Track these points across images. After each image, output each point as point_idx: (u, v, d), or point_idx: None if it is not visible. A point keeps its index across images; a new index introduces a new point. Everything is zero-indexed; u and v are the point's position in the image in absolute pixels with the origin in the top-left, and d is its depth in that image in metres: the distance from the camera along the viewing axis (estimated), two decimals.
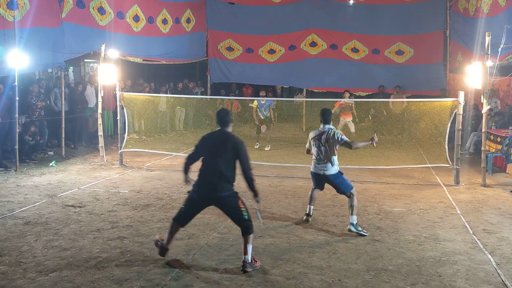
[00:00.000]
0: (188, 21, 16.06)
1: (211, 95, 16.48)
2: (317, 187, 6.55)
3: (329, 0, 16.15)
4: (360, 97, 15.85)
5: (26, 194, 7.73)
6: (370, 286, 4.52)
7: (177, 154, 11.44)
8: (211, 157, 4.95)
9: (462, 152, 10.45)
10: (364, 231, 6.04)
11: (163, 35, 14.95)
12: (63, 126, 11.31)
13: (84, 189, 8.24)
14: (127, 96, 11.04)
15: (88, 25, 11.80)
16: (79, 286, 4.45)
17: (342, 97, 13.08)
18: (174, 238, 5.16)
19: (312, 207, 6.59)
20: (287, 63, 16.65)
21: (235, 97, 16.25)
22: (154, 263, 4.99)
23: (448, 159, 9.21)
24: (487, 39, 8.69)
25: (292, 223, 6.45)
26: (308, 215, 6.53)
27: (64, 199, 7.55)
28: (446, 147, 9.47)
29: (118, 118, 10.67)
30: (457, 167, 8.83)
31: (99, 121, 10.99)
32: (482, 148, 8.95)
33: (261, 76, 16.89)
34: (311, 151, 6.45)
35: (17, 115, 9.55)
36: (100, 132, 10.97)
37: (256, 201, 5.09)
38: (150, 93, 13.96)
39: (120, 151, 10.57)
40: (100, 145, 11.01)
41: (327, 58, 16.35)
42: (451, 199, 7.80)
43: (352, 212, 6.10)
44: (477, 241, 5.78)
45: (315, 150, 6.32)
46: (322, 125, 6.34)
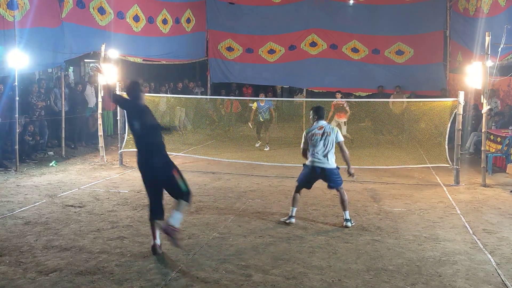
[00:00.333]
0: (188, 21, 16.06)
1: (211, 95, 16.49)
2: (305, 186, 6.50)
3: (329, 0, 16.15)
4: (360, 97, 15.86)
5: (26, 194, 7.74)
6: (370, 286, 4.52)
7: (177, 154, 11.44)
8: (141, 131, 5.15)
9: (462, 152, 10.45)
10: (353, 221, 6.39)
11: (163, 35, 14.95)
12: (63, 126, 11.31)
13: (84, 189, 8.25)
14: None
15: (88, 25, 11.80)
16: (79, 286, 4.45)
17: (335, 98, 13.04)
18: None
19: (296, 209, 6.48)
20: (287, 63, 16.65)
21: (235, 97, 16.26)
22: (154, 263, 4.99)
23: (448, 159, 9.22)
24: (487, 39, 8.69)
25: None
26: (292, 217, 6.41)
27: (64, 199, 7.55)
28: (446, 147, 9.47)
29: (118, 118, 10.67)
30: (457, 167, 8.83)
31: (99, 121, 11.01)
32: (482, 148, 8.95)
33: (261, 76, 16.91)
34: (308, 151, 6.39)
35: (17, 115, 9.55)
36: (100, 132, 10.98)
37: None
38: (150, 93, 13.97)
39: (120, 151, 10.57)
40: (100, 145, 11.01)
41: (327, 58, 16.35)
42: (451, 199, 7.80)
43: (345, 208, 6.33)
44: (477, 241, 5.78)
45: (316, 144, 6.29)
46: (317, 121, 6.40)
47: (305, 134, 6.47)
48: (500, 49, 9.12)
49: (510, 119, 11.16)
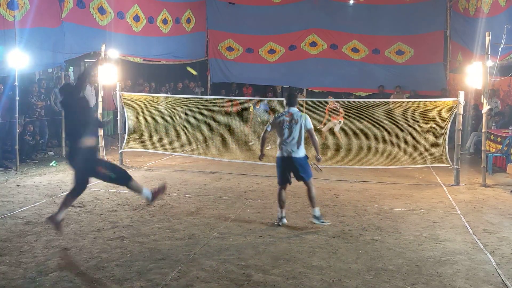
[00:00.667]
0: (188, 21, 16.07)
1: (211, 95, 16.50)
2: (284, 182, 6.27)
3: (329, 0, 16.16)
4: (361, 97, 15.86)
5: (26, 194, 7.74)
6: (370, 286, 4.52)
7: (177, 154, 11.46)
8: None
9: (462, 152, 10.45)
10: (327, 220, 6.21)
11: (163, 35, 14.96)
12: (64, 126, 11.31)
13: None
14: (127, 96, 11.05)
15: (88, 25, 11.82)
16: (79, 286, 4.45)
17: (329, 101, 12.98)
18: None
19: (284, 210, 6.30)
20: (287, 63, 16.66)
21: (235, 97, 16.27)
22: (154, 263, 4.99)
23: (448, 159, 9.21)
24: (487, 39, 8.69)
25: (292, 223, 6.44)
26: (283, 218, 6.27)
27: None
28: (446, 147, 9.47)
29: (118, 118, 10.67)
30: (457, 167, 8.83)
31: None
32: (482, 148, 8.95)
33: (261, 76, 16.92)
34: (266, 136, 6.29)
35: (17, 115, 9.55)
36: (100, 132, 10.96)
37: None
38: (150, 93, 13.98)
39: (120, 151, 10.57)
40: (100, 145, 11.00)
41: (327, 58, 16.37)
42: (451, 199, 7.80)
43: (313, 204, 6.17)
44: (477, 241, 5.78)
45: (284, 132, 6.11)
46: (287, 108, 6.22)
47: (272, 119, 6.28)
48: (500, 49, 9.12)
49: (510, 119, 11.16)
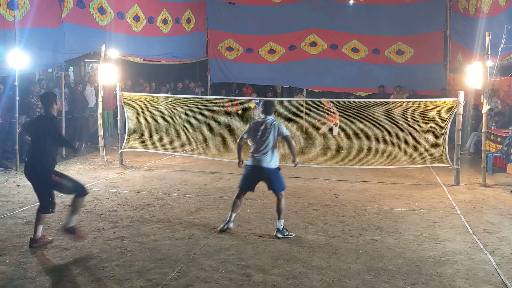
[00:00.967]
0: (188, 21, 16.06)
1: (211, 95, 16.50)
2: (246, 189, 6.08)
3: (329, 0, 16.16)
4: (361, 97, 15.86)
5: (26, 194, 7.73)
6: (370, 286, 4.53)
7: (177, 154, 11.46)
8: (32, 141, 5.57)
9: (462, 152, 10.45)
10: (291, 233, 5.89)
11: (163, 35, 14.95)
12: (64, 126, 11.31)
13: None
14: (128, 96, 11.05)
15: (88, 25, 11.80)
16: (79, 286, 4.46)
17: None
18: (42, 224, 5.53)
19: (235, 214, 6.07)
20: (287, 63, 16.65)
21: (235, 97, 16.27)
22: (154, 263, 5.00)
23: (448, 159, 9.22)
24: (487, 39, 8.69)
25: (293, 222, 6.45)
26: (230, 222, 6.02)
27: (64, 199, 7.52)
28: (446, 147, 9.47)
29: (118, 118, 10.67)
30: (457, 167, 8.84)
31: (99, 121, 11.01)
32: (482, 148, 8.95)
33: (261, 76, 16.91)
34: (245, 143, 6.08)
35: (17, 115, 9.55)
36: (100, 132, 10.99)
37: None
38: (151, 93, 13.98)
39: (120, 151, 10.57)
40: (100, 145, 11.02)
41: (327, 58, 16.35)
42: (451, 199, 7.81)
43: (280, 217, 5.87)
44: (477, 241, 5.78)
45: (256, 140, 5.94)
46: (263, 116, 6.06)
47: (248, 126, 6.11)
48: (500, 49, 9.12)
49: (510, 119, 11.17)
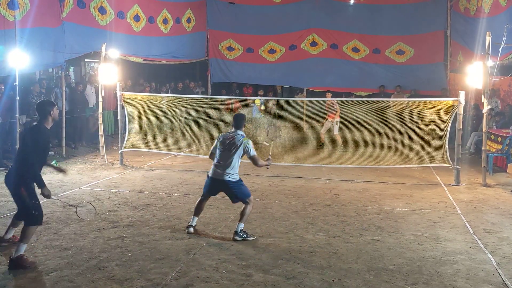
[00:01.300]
0: (188, 21, 16.06)
1: (211, 95, 16.51)
2: (209, 195, 6.04)
3: (329, 0, 16.16)
4: (361, 97, 15.86)
5: None
6: (370, 286, 4.52)
7: (177, 153, 11.46)
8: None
9: (463, 152, 10.45)
10: (251, 235, 5.80)
11: (163, 35, 14.96)
12: (64, 126, 11.31)
13: (84, 188, 8.25)
14: (128, 95, 11.05)
15: (88, 25, 11.80)
16: (80, 286, 4.46)
17: (327, 98, 12.96)
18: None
19: (197, 218, 6.04)
20: (288, 63, 16.66)
21: (236, 97, 16.27)
22: (155, 263, 5.00)
23: (449, 159, 9.21)
24: (488, 39, 8.69)
25: (293, 222, 6.45)
26: (191, 227, 5.95)
27: (64, 198, 7.54)
28: (447, 147, 9.46)
29: (119, 117, 10.67)
30: (458, 167, 8.83)
31: (100, 121, 11.01)
32: (483, 148, 8.95)
33: (261, 76, 16.92)
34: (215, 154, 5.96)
35: (17, 115, 9.55)
36: (101, 132, 10.99)
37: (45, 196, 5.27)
38: (151, 93, 13.98)
39: (121, 150, 10.57)
40: (100, 144, 11.02)
41: (328, 58, 16.36)
42: (451, 199, 7.80)
43: (241, 220, 5.78)
44: (478, 240, 5.78)
45: (220, 153, 5.87)
46: (233, 129, 5.99)
47: (217, 138, 6.04)
48: (500, 49, 9.13)
49: (510, 119, 11.16)
